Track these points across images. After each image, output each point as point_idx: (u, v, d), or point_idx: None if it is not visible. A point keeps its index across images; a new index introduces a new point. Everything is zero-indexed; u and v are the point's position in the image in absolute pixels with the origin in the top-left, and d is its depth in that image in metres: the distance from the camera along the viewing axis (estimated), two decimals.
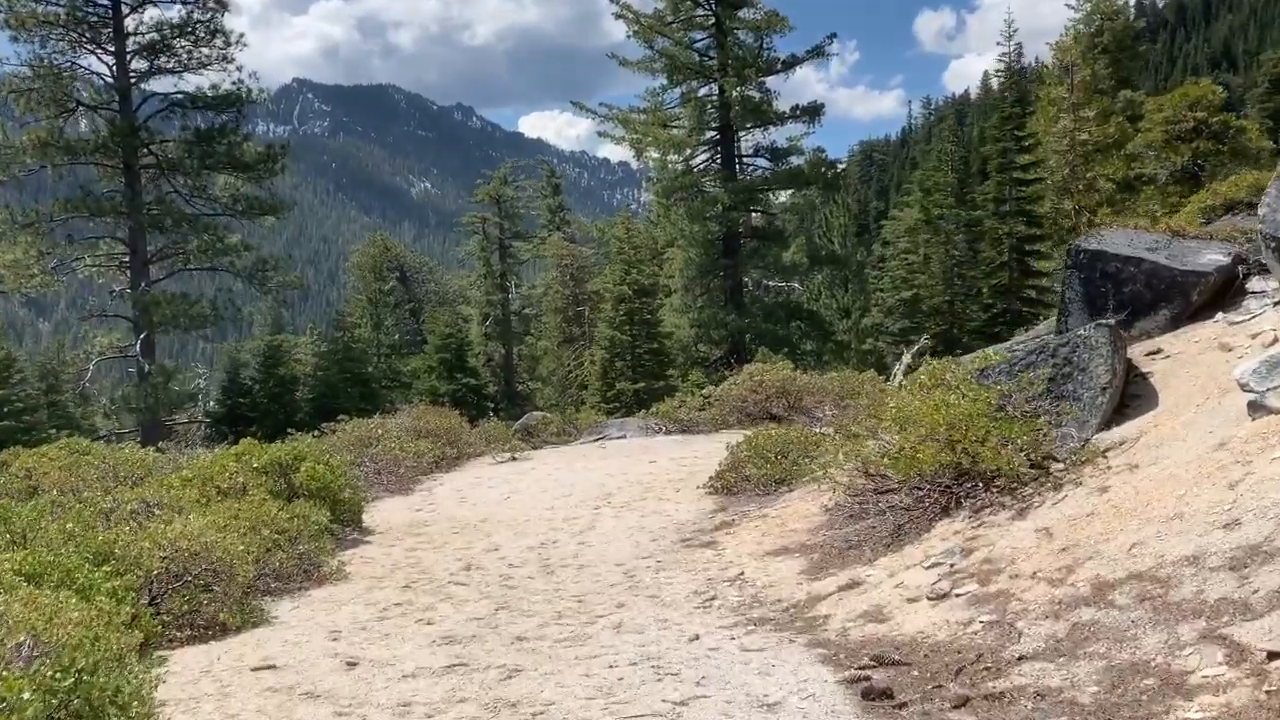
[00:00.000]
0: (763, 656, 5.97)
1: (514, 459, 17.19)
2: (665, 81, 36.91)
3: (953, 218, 37.39)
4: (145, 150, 29.14)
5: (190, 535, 8.03)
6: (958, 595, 6.20)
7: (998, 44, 36.77)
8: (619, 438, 19.85)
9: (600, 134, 38.76)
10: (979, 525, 7.19)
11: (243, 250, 29.70)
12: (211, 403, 32.71)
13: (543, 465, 16.33)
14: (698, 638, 6.48)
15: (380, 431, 17.30)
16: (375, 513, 12.98)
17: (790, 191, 37.14)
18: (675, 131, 34.79)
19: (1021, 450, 7.35)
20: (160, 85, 29.51)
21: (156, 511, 9.87)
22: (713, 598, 7.65)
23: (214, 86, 29.60)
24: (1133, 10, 47.73)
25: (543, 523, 11.69)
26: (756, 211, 37.10)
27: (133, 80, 28.86)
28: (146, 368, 27.51)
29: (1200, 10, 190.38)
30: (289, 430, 16.81)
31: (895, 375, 26.14)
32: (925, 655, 5.51)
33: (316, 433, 18.51)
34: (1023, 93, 35.31)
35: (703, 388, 26.33)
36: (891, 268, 48.63)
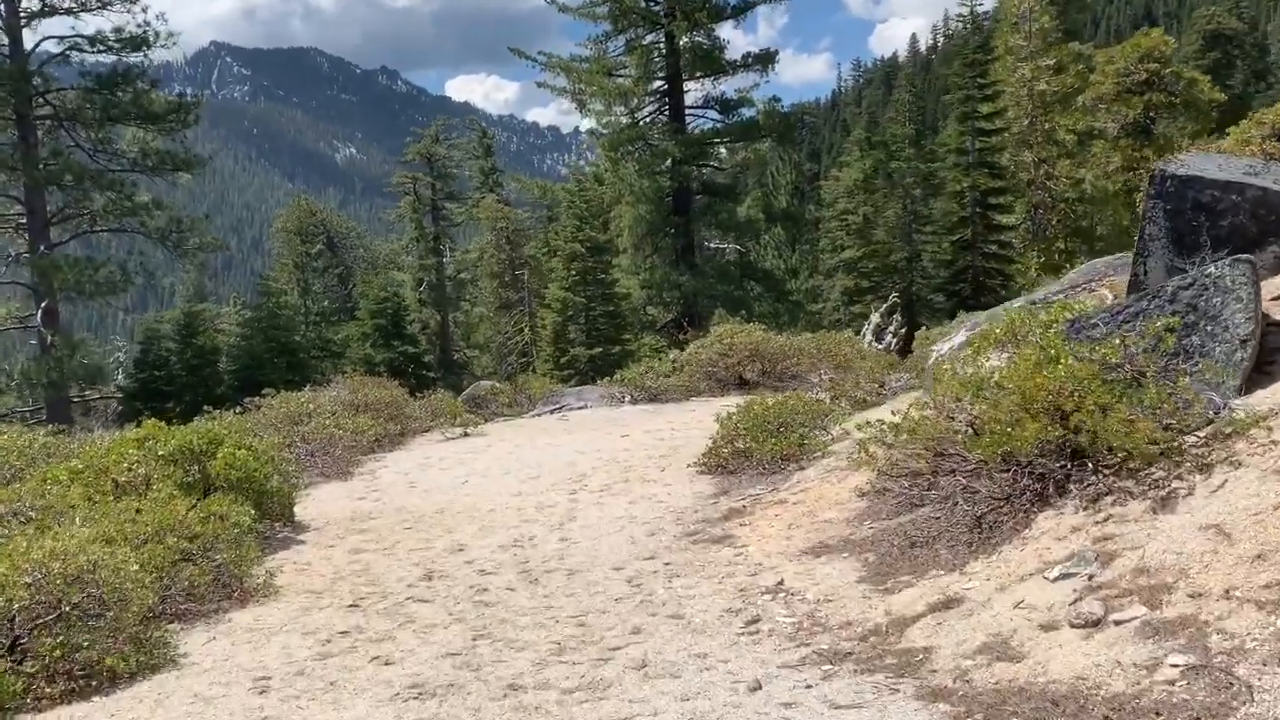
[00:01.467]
0: (863, 718, 4.31)
1: (466, 434, 15.33)
2: (609, 28, 34.84)
3: (911, 170, 35.98)
4: (40, 99, 26.30)
5: (68, 552, 6.11)
6: (1118, 622, 4.57)
7: None
8: (580, 408, 18.10)
9: (540, 84, 36.59)
10: (1104, 520, 5.58)
11: (154, 209, 27.04)
12: (123, 377, 30.05)
13: (500, 441, 14.50)
14: (759, 686, 4.79)
15: (312, 406, 15.30)
16: (310, 503, 11.07)
17: (741, 145, 35.36)
18: (621, 81, 32.76)
19: (1163, 423, 5.73)
20: (56, 28, 26.61)
21: (30, 516, 7.89)
22: (756, 619, 5.96)
23: (117, 29, 26.78)
24: None
25: (512, 513, 9.91)
26: (706, 166, 35.33)
27: (23, 20, 25.92)
28: (50, 339, 24.91)
29: None
30: (208, 407, 14.71)
31: (865, 335, 24.78)
32: None
33: (239, 409, 16.42)
34: (986, 37, 33.91)
35: (662, 352, 24.68)
36: (831, 229, 47.36)
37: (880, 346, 23.42)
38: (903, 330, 23.98)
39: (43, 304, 25.42)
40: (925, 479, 7.55)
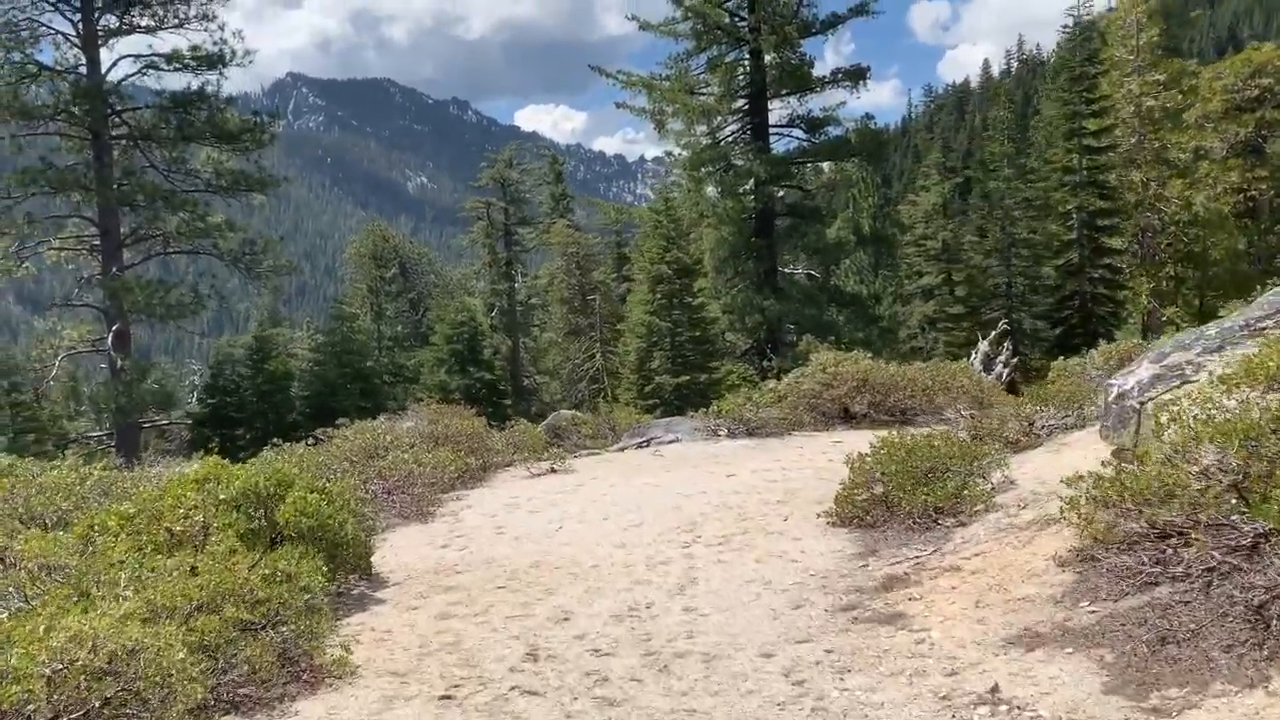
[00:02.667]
0: None
1: (553, 470, 14.01)
2: (691, 46, 33.72)
3: (1010, 191, 34.10)
4: (115, 118, 25.86)
5: (98, 635, 4.87)
6: None
7: None
8: (671, 442, 16.69)
9: (619, 105, 35.59)
10: None
11: (227, 231, 26.42)
12: (195, 402, 29.43)
13: (591, 479, 13.15)
14: None
15: (389, 438, 14.13)
16: (388, 551, 9.82)
17: (828, 165, 33.88)
18: (703, 98, 31.54)
19: None
20: (133, 46, 26.19)
21: (70, 573, 6.71)
22: None
23: (194, 48, 26.31)
24: None
25: (619, 570, 8.53)
26: (790, 187, 33.90)
27: (101, 39, 25.56)
28: (119, 363, 24.30)
29: None
30: (276, 440, 13.62)
31: (972, 364, 23.05)
32: None
33: (311, 439, 15.35)
34: (1091, 52, 32.01)
35: (751, 381, 23.24)
36: (909, 254, 45.64)
37: (990, 377, 21.71)
38: (1014, 359, 22.20)
39: (114, 327, 24.84)
40: (1154, 549, 6.03)
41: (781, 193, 33.95)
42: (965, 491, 8.76)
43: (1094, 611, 5.82)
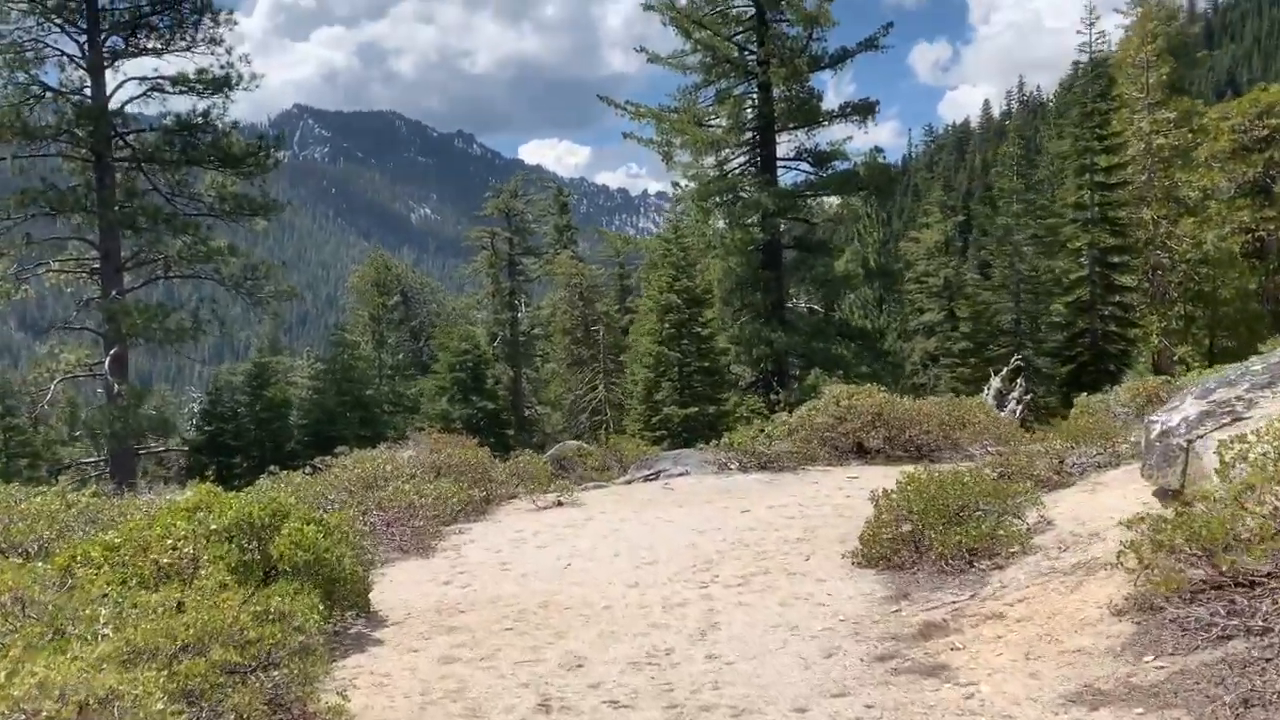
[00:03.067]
0: None
1: (559, 504, 13.50)
2: (699, 79, 33.59)
3: (1020, 227, 33.77)
4: (119, 140, 25.58)
5: (67, 684, 4.38)
6: None
7: (1078, 32, 33.32)
8: (680, 475, 16.19)
9: (626, 135, 35.49)
10: None
11: (229, 255, 26.05)
12: (192, 429, 28.89)
13: (600, 514, 12.64)
14: None
15: (389, 468, 13.63)
16: (387, 586, 9.33)
17: (836, 199, 33.62)
18: (712, 130, 31.32)
19: None
20: (139, 69, 26.00)
21: (47, 609, 6.23)
22: None
23: (200, 71, 26.08)
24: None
25: (634, 612, 8.03)
26: (797, 220, 33.61)
27: (106, 61, 25.33)
28: (116, 387, 23.84)
29: (1203, 39, 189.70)
30: (273, 468, 13.13)
31: (985, 400, 22.58)
32: None
33: (309, 469, 14.88)
34: (1103, 88, 31.81)
35: (761, 414, 22.78)
36: (910, 291, 45.32)
37: (1003, 414, 21.24)
38: (1027, 396, 21.75)
39: (111, 350, 24.42)
40: (1225, 599, 5.56)
41: (788, 225, 33.67)
42: (1000, 532, 8.28)
43: (1161, 667, 5.33)
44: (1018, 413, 21.53)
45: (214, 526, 7.65)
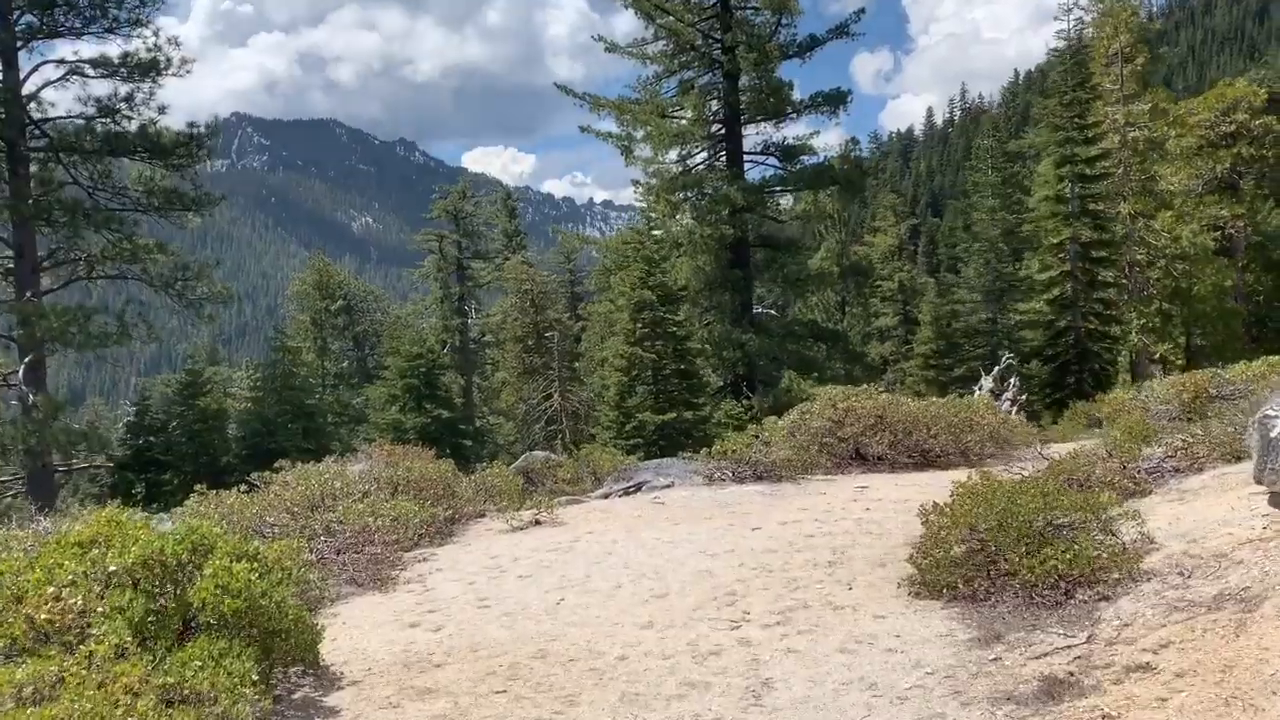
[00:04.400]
0: None
1: (537, 522, 11.78)
2: (661, 69, 32.15)
3: (998, 222, 32.65)
4: (34, 127, 23.34)
5: None
6: None
7: (1055, 19, 32.47)
8: (666, 487, 14.58)
9: (583, 129, 33.91)
10: None
11: (157, 253, 23.85)
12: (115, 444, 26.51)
13: (586, 533, 10.95)
14: None
15: (339, 484, 11.82)
16: (340, 630, 7.61)
17: (806, 194, 32.29)
18: (677, 121, 29.82)
19: None
20: (56, 53, 23.77)
21: None
22: None
23: (125, 54, 23.89)
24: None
25: (656, 664, 6.39)
26: (765, 217, 32.24)
27: (19, 41, 23.07)
28: (31, 398, 21.59)
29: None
30: (199, 487, 11.22)
31: (976, 395, 21.32)
32: None
33: (245, 486, 13.02)
34: (1084, 75, 30.64)
35: (740, 420, 21.27)
36: (865, 295, 44.38)
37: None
38: (1021, 397, 20.48)
39: (26, 358, 22.16)
40: None
41: (755, 223, 32.29)
42: (1096, 553, 6.78)
43: None
44: (1013, 414, 20.22)
45: (113, 567, 5.88)
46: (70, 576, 5.73)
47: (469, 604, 8.34)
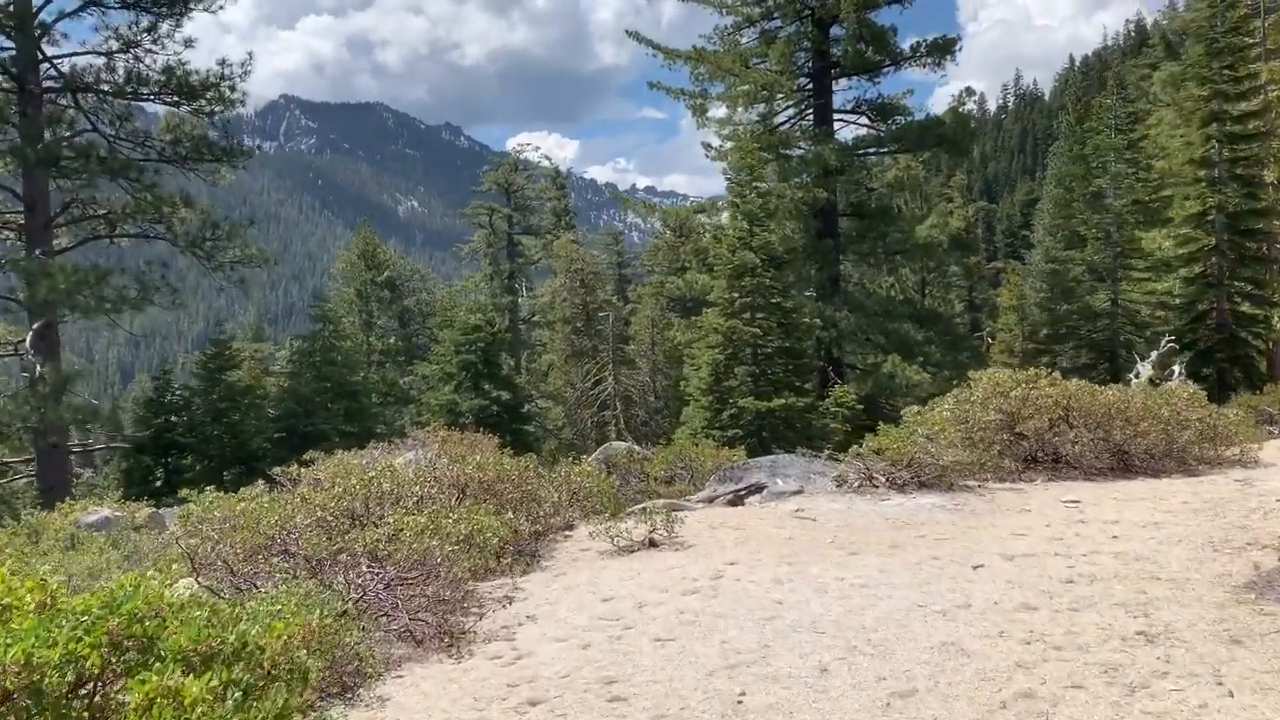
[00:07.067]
0: None
1: (652, 543, 8.73)
2: (740, 19, 28.90)
3: (1125, 190, 28.99)
4: (47, 63, 20.65)
5: None
6: None
7: None
8: (795, 493, 11.52)
9: (652, 85, 30.75)
10: None
11: (182, 207, 21.05)
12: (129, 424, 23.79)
13: (728, 565, 7.83)
14: None
15: (387, 484, 8.82)
16: None
17: (898, 158, 28.94)
18: (764, 70, 26.56)
19: None
20: None
21: None
22: None
23: None
24: None
25: None
26: (858, 183, 28.92)
27: None
28: (38, 369, 18.94)
29: None
30: (186, 492, 8.29)
31: (1133, 384, 18.00)
32: None
33: (268, 481, 10.16)
34: (1239, 19, 26.68)
35: (844, 404, 18.12)
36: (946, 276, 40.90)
37: None
38: (1190, 387, 17.09)
39: (34, 324, 19.51)
40: None
41: (844, 190, 28.99)
42: None
43: None
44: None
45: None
46: None
47: (590, 689, 5.32)
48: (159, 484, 19.97)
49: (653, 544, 8.69)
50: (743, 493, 12.33)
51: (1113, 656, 5.34)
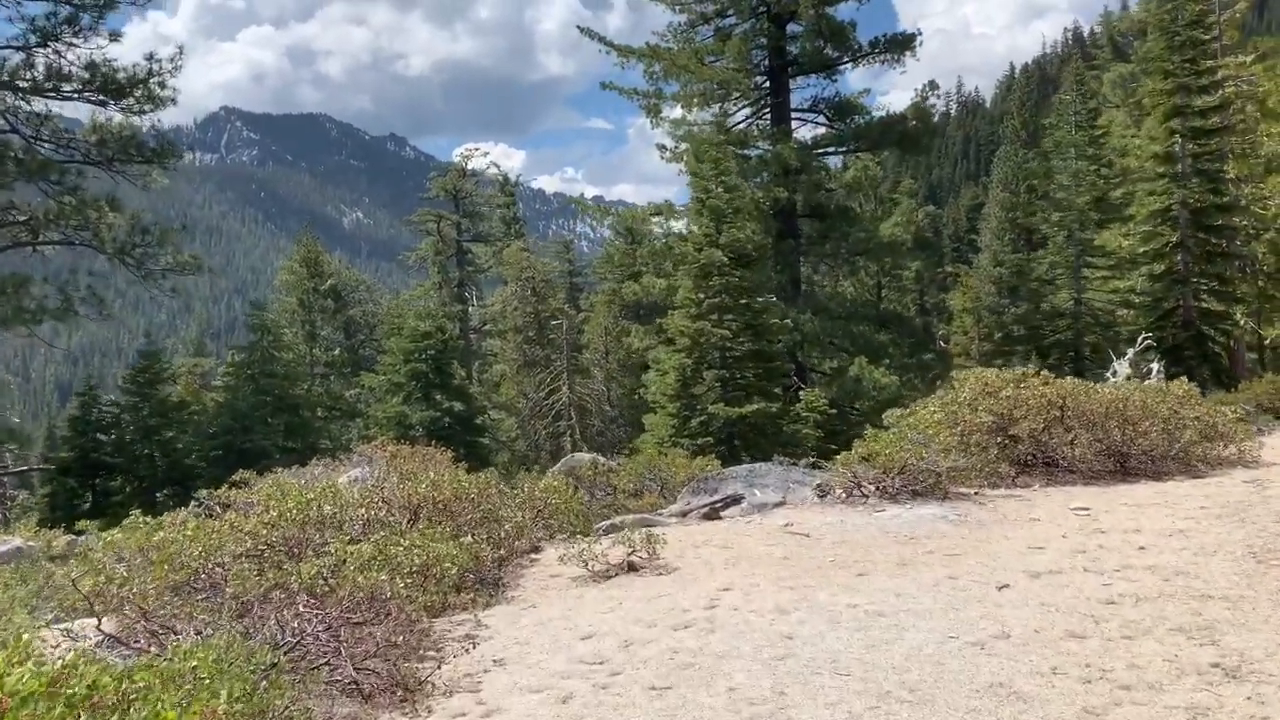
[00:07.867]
0: None
1: (631, 566, 7.79)
2: (693, 16, 28.16)
3: (1085, 186, 28.60)
4: None
5: None
6: None
7: None
8: (776, 505, 10.69)
9: (605, 86, 29.97)
10: None
11: (108, 212, 19.71)
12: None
13: (722, 591, 6.93)
14: None
15: (328, 509, 7.78)
16: None
17: (858, 157, 28.35)
18: (720, 67, 25.82)
19: None
20: None
21: None
22: None
23: None
24: None
25: None
26: (816, 183, 28.26)
27: None
28: None
29: None
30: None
31: (1110, 383, 17.43)
32: None
33: (200, 504, 9.11)
34: (1199, 13, 26.30)
35: (824, 413, 17.36)
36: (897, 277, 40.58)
37: None
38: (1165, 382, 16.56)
39: None
40: None
41: (803, 191, 28.32)
42: None
43: None
44: None
45: None
46: None
47: None
48: (86, 507, 18.60)
49: (632, 568, 7.76)
50: (719, 505, 11.44)
51: (1195, 697, 4.52)
